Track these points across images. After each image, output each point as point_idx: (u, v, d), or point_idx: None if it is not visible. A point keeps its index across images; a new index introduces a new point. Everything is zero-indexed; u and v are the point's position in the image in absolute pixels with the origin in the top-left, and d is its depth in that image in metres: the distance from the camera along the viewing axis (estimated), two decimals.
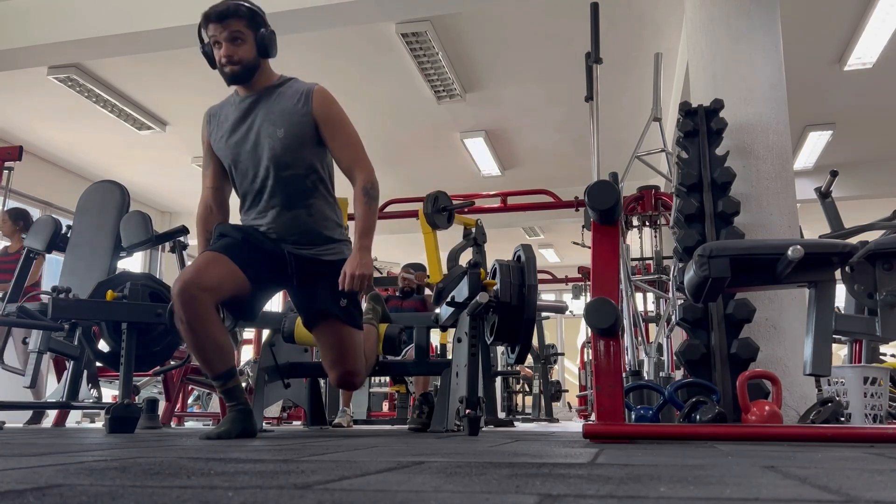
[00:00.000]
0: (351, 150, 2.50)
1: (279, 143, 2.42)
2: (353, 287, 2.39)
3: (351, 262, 2.42)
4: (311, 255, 2.51)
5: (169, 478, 0.89)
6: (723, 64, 3.69)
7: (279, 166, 2.43)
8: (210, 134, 2.55)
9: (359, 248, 2.43)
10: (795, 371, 3.14)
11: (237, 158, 2.48)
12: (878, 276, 1.85)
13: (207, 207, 2.59)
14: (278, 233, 2.48)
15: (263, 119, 2.44)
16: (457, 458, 1.24)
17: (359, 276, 2.39)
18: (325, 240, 2.53)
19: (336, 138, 2.48)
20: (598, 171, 3.84)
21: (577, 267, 8.57)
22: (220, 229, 2.52)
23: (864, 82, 6.45)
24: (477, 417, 2.65)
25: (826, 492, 0.78)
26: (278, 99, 2.46)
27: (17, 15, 5.29)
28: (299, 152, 2.44)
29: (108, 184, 4.16)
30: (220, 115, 2.55)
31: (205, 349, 2.27)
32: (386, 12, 5.02)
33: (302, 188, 2.47)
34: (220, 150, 2.53)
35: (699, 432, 2.00)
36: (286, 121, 2.42)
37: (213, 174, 2.58)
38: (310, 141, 2.46)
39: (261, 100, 2.47)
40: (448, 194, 5.13)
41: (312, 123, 2.44)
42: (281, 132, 2.42)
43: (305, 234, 2.50)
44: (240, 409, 2.33)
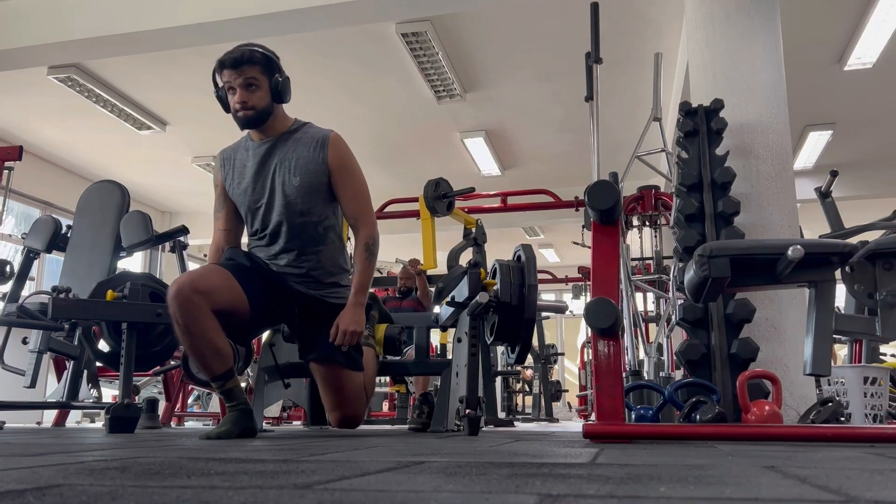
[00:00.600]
0: (358, 204, 2.54)
1: (294, 192, 2.46)
2: (343, 342, 2.44)
3: (343, 316, 2.46)
4: (317, 295, 2.54)
5: (169, 478, 0.89)
6: (723, 64, 3.69)
7: (293, 213, 2.48)
8: (224, 178, 2.58)
9: (353, 304, 2.47)
10: (795, 371, 3.14)
11: (253, 206, 2.52)
12: (878, 276, 1.85)
13: (219, 250, 2.60)
14: (287, 274, 2.52)
15: (280, 167, 2.48)
16: (457, 458, 1.24)
17: (350, 333, 2.44)
18: (332, 284, 2.57)
19: (345, 189, 2.52)
20: (598, 171, 3.84)
21: (577, 267, 8.58)
22: (229, 253, 2.55)
23: (864, 82, 6.45)
24: (477, 417, 2.65)
25: (826, 492, 0.78)
26: (294, 146, 2.49)
27: (17, 15, 5.29)
28: (313, 200, 2.48)
29: (108, 184, 4.16)
30: (234, 160, 2.57)
31: (201, 351, 2.27)
32: (386, 12, 5.02)
33: (314, 235, 2.51)
34: (237, 197, 2.56)
35: (699, 432, 2.00)
36: (302, 170, 2.46)
37: (227, 217, 2.61)
38: (324, 189, 2.50)
39: (276, 146, 2.50)
40: (449, 182, 5.15)
41: (326, 172, 2.49)
42: (297, 180, 2.45)
43: (313, 278, 2.54)
44: (240, 408, 2.33)
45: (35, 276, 7.09)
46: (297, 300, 2.52)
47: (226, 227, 2.62)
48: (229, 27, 4.95)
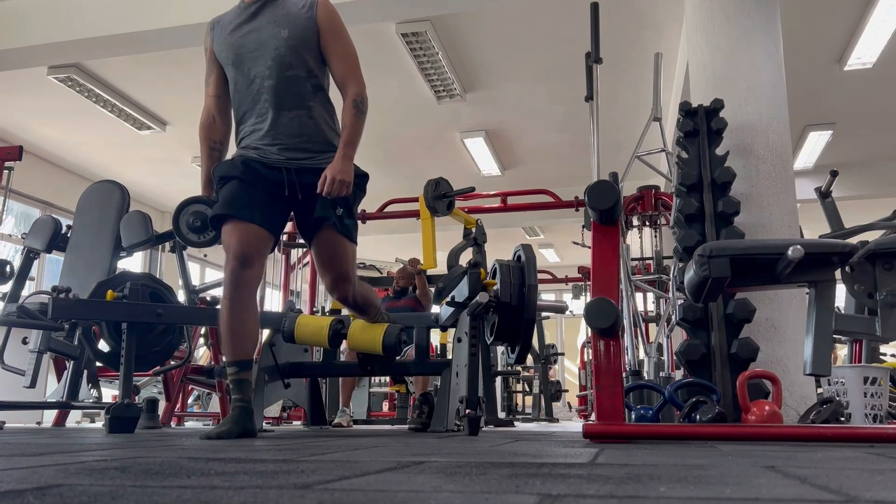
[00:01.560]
0: (347, 63, 2.56)
1: (283, 43, 2.46)
2: (332, 191, 2.40)
3: (332, 167, 2.43)
4: (311, 164, 2.50)
5: (169, 478, 0.89)
6: (723, 64, 3.69)
7: (282, 66, 2.46)
8: (213, 40, 2.58)
9: (342, 156, 2.45)
10: (795, 371, 3.14)
11: (239, 58, 2.51)
12: (878, 276, 1.85)
13: (210, 116, 2.63)
14: (277, 138, 2.48)
15: (268, 20, 2.49)
16: (457, 458, 1.24)
17: (339, 182, 2.41)
18: (325, 145, 2.53)
19: (334, 48, 2.54)
20: (598, 171, 3.84)
21: (577, 267, 8.57)
22: (219, 171, 2.53)
23: (864, 82, 6.45)
24: (477, 417, 2.65)
25: (826, 492, 0.78)
26: (283, 3, 2.52)
27: (17, 15, 5.29)
28: (302, 54, 2.49)
29: (108, 184, 4.16)
30: (223, 22, 2.59)
31: (234, 329, 2.37)
32: (386, 12, 5.02)
33: (303, 90, 2.50)
34: (222, 51, 2.55)
35: (699, 432, 2.00)
36: (291, 23, 2.48)
37: (216, 81, 2.61)
38: (312, 46, 2.51)
39: (266, 5, 2.52)
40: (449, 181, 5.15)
41: (315, 29, 2.50)
42: (285, 32, 2.47)
43: (305, 137, 2.50)
44: (242, 407, 2.33)
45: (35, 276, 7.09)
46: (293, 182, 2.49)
47: (216, 93, 2.62)
48: None
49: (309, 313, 5.44)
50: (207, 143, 2.63)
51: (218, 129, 2.63)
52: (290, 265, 6.82)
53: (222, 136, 2.66)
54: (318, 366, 3.91)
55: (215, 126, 2.63)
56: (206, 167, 2.64)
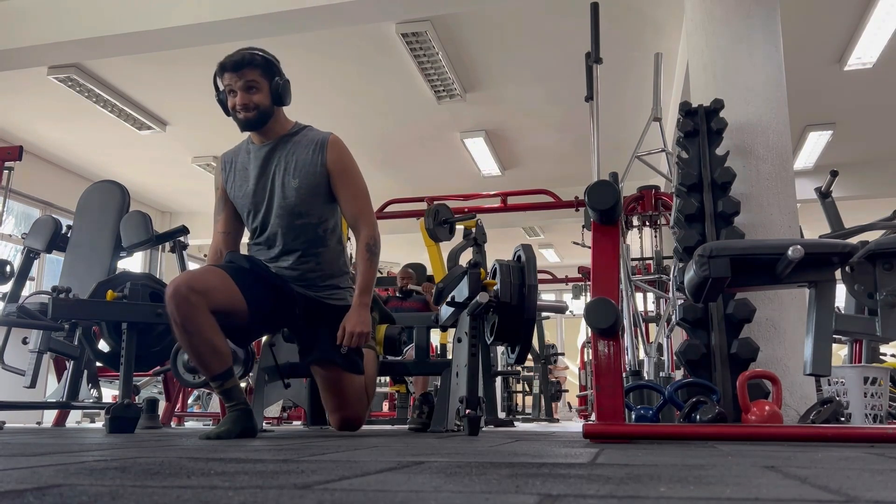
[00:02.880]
0: (358, 204, 2.56)
1: (294, 193, 2.47)
2: (350, 344, 2.44)
3: (350, 318, 2.46)
4: (316, 297, 2.55)
5: (169, 478, 0.89)
6: (723, 64, 3.69)
7: (293, 215, 2.49)
8: (226, 181, 2.60)
9: (358, 305, 2.48)
10: (795, 371, 3.14)
11: (253, 208, 2.54)
12: (879, 276, 1.85)
13: (218, 252, 2.62)
14: (287, 276, 2.53)
15: (280, 170, 2.50)
16: (457, 458, 1.24)
17: (357, 335, 2.45)
18: (332, 286, 2.58)
19: (345, 190, 2.53)
20: (598, 171, 3.84)
21: (577, 267, 8.58)
22: (229, 256, 2.56)
23: (864, 82, 6.45)
24: (477, 417, 2.64)
25: (826, 492, 0.78)
26: (294, 149, 2.51)
27: (17, 15, 5.29)
28: (313, 203, 2.50)
29: (108, 184, 4.16)
30: (235, 163, 2.59)
31: (199, 350, 2.28)
32: (386, 12, 5.02)
33: (313, 237, 2.53)
34: (238, 199, 2.58)
35: (699, 432, 2.00)
36: (301, 172, 2.48)
37: (226, 220, 2.63)
38: (323, 191, 2.52)
39: (276, 149, 2.52)
40: (448, 206, 5.15)
41: (326, 174, 2.50)
42: (296, 182, 2.47)
43: (313, 281, 2.55)
44: (239, 408, 2.33)
45: (35, 276, 7.09)
46: (297, 302, 2.52)
47: (225, 230, 2.63)
48: (229, 27, 4.95)
49: None
50: None
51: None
52: None
53: None
54: None
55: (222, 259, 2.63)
56: None
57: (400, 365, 3.65)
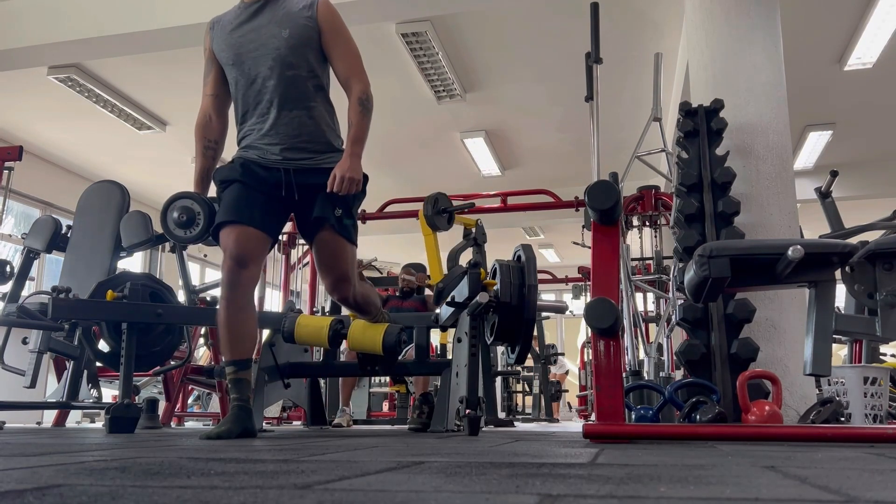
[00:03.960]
0: (350, 61, 2.56)
1: (284, 43, 2.47)
2: (341, 189, 2.40)
3: (341, 164, 2.43)
4: (311, 165, 2.51)
5: (169, 478, 0.89)
6: (723, 64, 3.69)
7: (283, 65, 2.47)
8: (213, 40, 2.58)
9: (350, 154, 2.45)
10: (795, 371, 3.14)
11: (240, 57, 2.51)
12: (878, 276, 1.85)
13: (207, 115, 2.63)
14: (278, 137, 2.48)
15: (269, 21, 2.50)
16: (457, 458, 1.24)
17: (348, 179, 2.41)
18: (325, 146, 2.54)
19: (336, 48, 2.54)
20: (598, 171, 3.84)
21: (577, 267, 8.57)
22: (219, 175, 2.55)
23: (864, 82, 6.45)
24: (477, 417, 2.65)
25: (826, 492, 0.78)
26: (284, 3, 2.52)
27: (17, 15, 5.29)
28: (303, 54, 2.49)
29: (108, 184, 4.16)
30: (223, 21, 2.59)
31: (232, 329, 2.38)
32: (386, 12, 5.02)
33: (304, 90, 2.50)
34: (222, 51, 2.55)
35: (699, 432, 2.00)
36: (291, 22, 2.48)
37: (214, 81, 2.62)
38: (313, 45, 2.51)
39: (266, 5, 2.52)
40: (448, 196, 5.14)
41: (316, 29, 2.50)
42: (286, 32, 2.47)
43: (306, 137, 2.50)
44: (241, 406, 2.33)
45: (35, 276, 7.09)
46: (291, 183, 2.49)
47: (213, 93, 2.62)
48: None
49: (309, 313, 5.44)
50: (202, 143, 2.65)
51: (214, 129, 2.64)
52: (290, 265, 6.82)
53: (218, 135, 2.66)
54: (318, 366, 3.91)
55: (211, 125, 2.63)
56: (199, 165, 2.65)
57: (400, 365, 3.65)
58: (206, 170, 2.62)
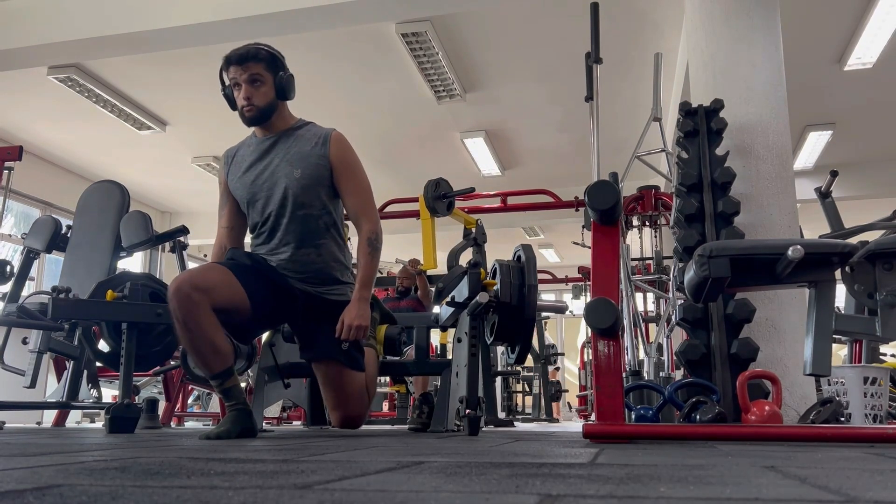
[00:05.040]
0: (360, 199, 2.57)
1: (296, 183, 2.48)
2: (349, 337, 2.45)
3: (349, 311, 2.47)
4: (317, 293, 2.55)
5: (169, 478, 0.89)
6: (723, 64, 3.69)
7: (295, 205, 2.49)
8: (227, 174, 2.62)
9: (358, 299, 2.49)
10: (795, 371, 3.14)
11: (254, 196, 2.55)
12: (878, 276, 1.85)
13: (222, 248, 2.63)
14: (288, 270, 2.53)
15: (282, 160, 2.51)
16: (457, 458, 1.24)
17: (356, 328, 2.45)
18: (333, 280, 2.58)
19: (348, 184, 2.55)
20: (598, 171, 3.84)
21: (577, 267, 8.57)
22: (231, 253, 2.58)
23: (864, 82, 6.45)
24: (477, 417, 2.65)
25: (826, 492, 0.78)
26: (296, 141, 2.53)
27: (17, 15, 5.29)
28: (314, 193, 2.51)
29: (108, 184, 4.16)
30: (237, 156, 2.62)
31: (199, 348, 2.28)
32: (386, 12, 5.02)
33: (315, 228, 2.53)
34: (237, 189, 2.58)
35: (699, 432, 2.00)
36: (303, 162, 2.49)
37: (229, 214, 2.64)
38: (325, 183, 2.53)
39: (279, 141, 2.54)
40: (449, 182, 5.16)
41: (328, 167, 2.51)
42: (298, 172, 2.48)
43: (314, 273, 2.55)
44: (239, 408, 2.33)
45: (35, 276, 7.09)
46: (299, 298, 2.52)
47: (228, 225, 2.64)
48: (229, 27, 4.95)
49: None
50: None
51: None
52: None
53: None
54: None
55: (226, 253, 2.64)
56: None
57: (400, 365, 3.65)
58: None
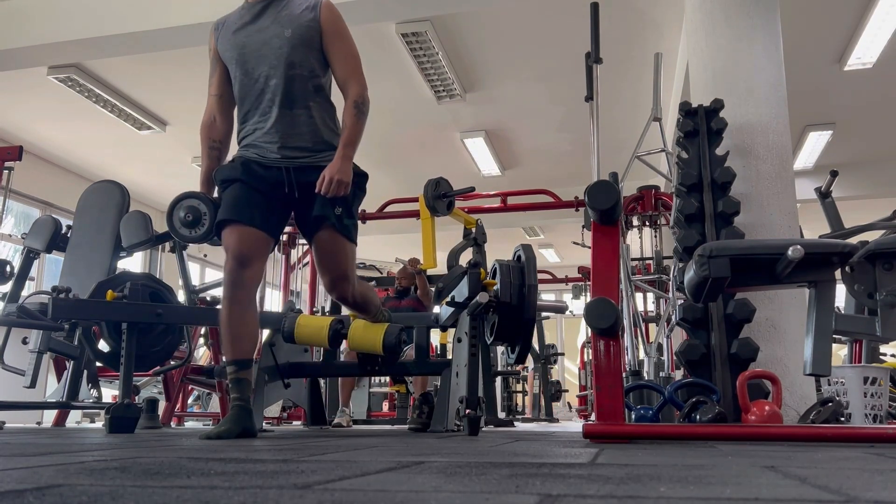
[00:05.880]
0: (349, 63, 2.58)
1: (286, 42, 2.49)
2: (329, 191, 2.42)
3: (331, 166, 2.44)
4: (310, 163, 2.51)
5: (169, 478, 0.89)
6: (723, 64, 3.69)
7: (285, 65, 2.49)
8: (217, 40, 2.61)
9: (341, 156, 2.46)
10: (795, 371, 3.14)
11: (243, 57, 2.53)
12: (878, 276, 1.85)
13: (211, 115, 2.65)
14: (277, 136, 2.49)
15: (272, 21, 2.52)
16: (457, 458, 1.24)
17: (336, 181, 2.42)
18: (325, 145, 2.54)
19: (337, 49, 2.56)
20: (598, 171, 3.84)
21: (577, 267, 8.57)
22: (220, 175, 2.56)
23: (864, 82, 6.45)
24: (477, 417, 2.65)
25: (826, 492, 0.78)
26: (288, 5, 2.55)
27: (17, 15, 5.29)
28: (304, 54, 2.51)
29: (108, 184, 4.16)
30: (227, 22, 2.62)
31: (233, 328, 2.39)
32: (386, 12, 5.02)
33: (304, 89, 2.52)
34: (226, 51, 2.57)
35: (699, 432, 2.00)
36: (294, 23, 2.51)
37: (219, 81, 2.64)
38: (315, 46, 2.53)
39: (270, 5, 2.55)
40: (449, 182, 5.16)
41: (318, 30, 2.53)
42: (288, 32, 2.49)
43: (305, 135, 2.52)
44: (240, 406, 2.33)
45: (35, 276, 7.09)
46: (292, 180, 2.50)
47: (218, 93, 2.64)
48: None
49: (309, 313, 5.44)
50: (207, 143, 2.65)
51: (219, 129, 2.65)
52: (290, 265, 6.82)
53: (223, 135, 2.67)
54: (318, 366, 3.91)
55: (216, 125, 2.64)
56: (205, 166, 2.65)
57: (400, 365, 3.65)
58: (211, 170, 2.63)
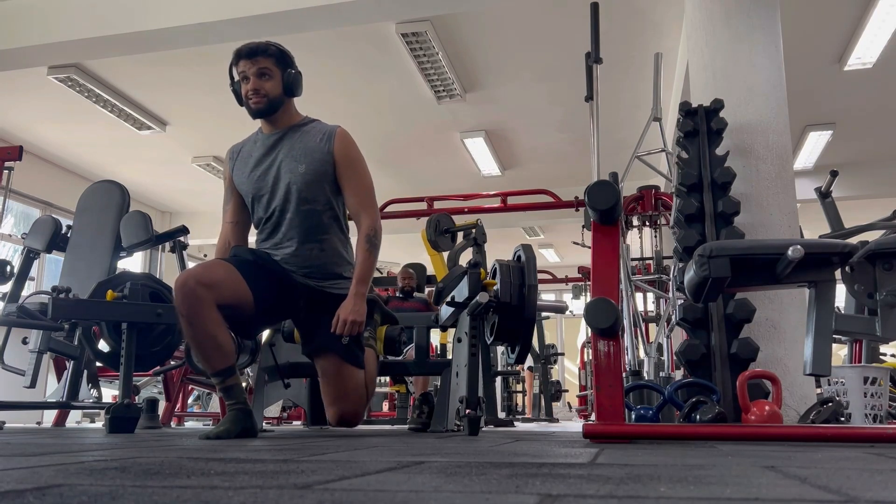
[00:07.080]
0: (361, 196, 2.58)
1: (300, 179, 2.50)
2: (343, 332, 2.45)
3: (345, 306, 2.47)
4: (320, 286, 2.57)
5: (169, 478, 0.89)
6: (723, 64, 3.69)
7: (299, 200, 2.51)
8: (232, 169, 2.63)
9: (354, 294, 2.49)
10: (795, 371, 3.14)
11: (259, 192, 2.56)
12: (878, 276, 1.85)
13: (226, 242, 2.65)
14: (291, 264, 2.54)
15: (286, 155, 2.53)
16: (457, 458, 1.24)
17: (350, 322, 2.45)
18: (335, 275, 2.59)
19: (350, 180, 2.56)
20: (598, 171, 3.84)
21: (577, 267, 8.58)
22: (235, 250, 2.60)
23: (864, 82, 6.45)
24: (477, 417, 2.64)
25: (826, 492, 0.78)
26: (301, 137, 2.55)
27: (17, 15, 5.29)
28: (318, 189, 2.52)
29: (108, 184, 4.16)
30: (242, 152, 2.63)
31: (203, 344, 2.29)
32: (386, 12, 5.02)
33: (318, 223, 2.54)
34: (242, 185, 2.60)
35: (699, 432, 2.00)
36: (308, 158, 2.51)
37: (234, 209, 2.66)
38: (329, 179, 2.54)
39: (284, 137, 2.56)
40: (449, 216, 5.16)
41: (332, 163, 2.53)
42: (302, 167, 2.50)
43: (317, 268, 2.56)
44: (239, 408, 2.33)
45: (35, 276, 7.09)
46: (301, 292, 2.54)
47: (233, 220, 2.66)
48: (229, 27, 4.95)
49: None
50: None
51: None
52: None
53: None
54: None
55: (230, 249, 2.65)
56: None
57: (400, 365, 3.65)
58: None
